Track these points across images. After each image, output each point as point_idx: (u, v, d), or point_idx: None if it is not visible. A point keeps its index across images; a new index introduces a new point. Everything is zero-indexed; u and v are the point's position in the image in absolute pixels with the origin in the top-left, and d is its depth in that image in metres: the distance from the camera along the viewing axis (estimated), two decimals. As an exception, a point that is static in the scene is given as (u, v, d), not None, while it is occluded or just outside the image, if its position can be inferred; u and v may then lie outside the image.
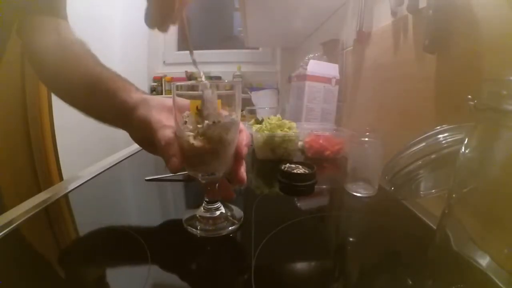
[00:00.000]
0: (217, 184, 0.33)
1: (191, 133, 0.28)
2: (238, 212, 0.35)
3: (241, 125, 0.31)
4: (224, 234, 0.31)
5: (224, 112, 0.28)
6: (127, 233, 0.32)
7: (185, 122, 0.28)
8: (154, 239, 0.31)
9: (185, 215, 0.34)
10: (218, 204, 0.34)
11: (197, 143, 0.27)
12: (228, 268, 0.28)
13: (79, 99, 0.36)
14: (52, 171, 1.10)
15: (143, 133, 0.31)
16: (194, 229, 0.32)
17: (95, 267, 0.28)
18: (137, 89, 0.34)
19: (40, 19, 0.38)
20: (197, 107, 0.27)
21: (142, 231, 0.32)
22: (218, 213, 0.33)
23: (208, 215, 0.33)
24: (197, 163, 0.30)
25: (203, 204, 0.33)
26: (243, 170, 0.31)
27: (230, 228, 0.32)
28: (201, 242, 0.31)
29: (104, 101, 0.33)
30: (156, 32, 0.32)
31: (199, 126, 0.27)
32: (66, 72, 0.35)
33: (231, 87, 0.29)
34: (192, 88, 0.29)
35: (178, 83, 0.29)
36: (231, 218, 0.34)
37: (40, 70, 0.39)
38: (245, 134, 0.32)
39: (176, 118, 0.28)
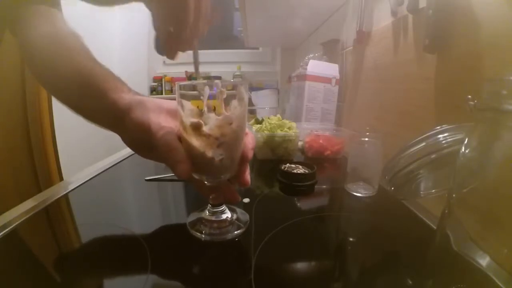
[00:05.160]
0: (221, 187, 0.32)
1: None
2: (243, 215, 0.35)
3: (246, 129, 0.31)
4: (229, 238, 0.31)
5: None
6: (128, 233, 0.32)
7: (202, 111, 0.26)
8: (155, 239, 0.31)
9: (189, 218, 0.34)
10: (223, 207, 0.33)
11: (209, 130, 0.26)
12: (228, 268, 0.28)
13: (70, 96, 0.33)
14: (52, 171, 1.10)
15: (140, 137, 0.29)
16: (198, 233, 0.31)
17: (96, 268, 0.27)
18: (129, 89, 0.32)
19: (35, 8, 0.35)
20: (197, 107, 0.27)
21: (142, 231, 0.32)
22: (224, 216, 0.33)
23: (213, 218, 0.32)
24: (204, 165, 0.28)
25: (207, 207, 0.33)
26: (247, 173, 0.31)
27: (235, 232, 0.31)
28: (201, 243, 0.31)
29: (94, 100, 0.31)
30: (165, 58, 0.32)
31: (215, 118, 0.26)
32: (57, 66, 0.33)
33: (235, 87, 0.28)
34: (194, 88, 0.27)
35: (181, 83, 0.28)
36: (236, 222, 0.33)
37: (32, 63, 0.36)
38: (251, 137, 0.31)
39: (181, 118, 0.27)
